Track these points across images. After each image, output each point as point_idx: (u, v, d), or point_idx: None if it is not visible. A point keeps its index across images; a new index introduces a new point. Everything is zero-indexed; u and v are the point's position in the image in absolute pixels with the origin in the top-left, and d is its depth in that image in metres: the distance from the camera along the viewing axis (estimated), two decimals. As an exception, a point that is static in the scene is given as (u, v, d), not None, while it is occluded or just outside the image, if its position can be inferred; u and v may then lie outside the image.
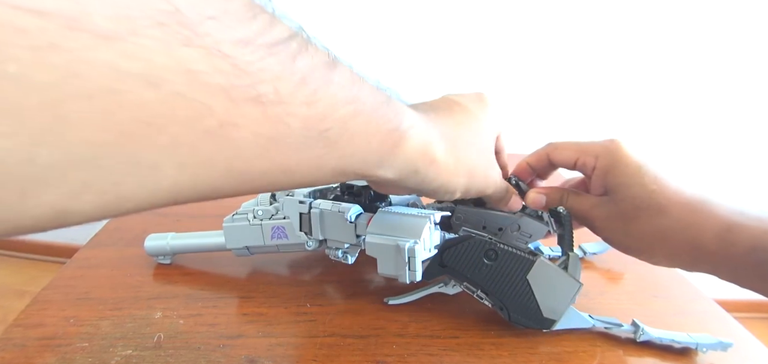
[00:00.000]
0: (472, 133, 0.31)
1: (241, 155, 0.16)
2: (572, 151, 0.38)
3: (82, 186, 0.12)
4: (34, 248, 1.56)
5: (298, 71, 0.17)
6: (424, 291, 0.39)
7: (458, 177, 0.29)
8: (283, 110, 0.17)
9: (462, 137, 0.30)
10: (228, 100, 0.15)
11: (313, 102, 0.18)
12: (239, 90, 0.15)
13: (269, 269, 0.45)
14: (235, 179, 0.17)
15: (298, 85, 0.17)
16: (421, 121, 0.26)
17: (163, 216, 0.54)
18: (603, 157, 0.36)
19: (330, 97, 0.19)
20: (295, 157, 0.18)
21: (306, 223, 0.38)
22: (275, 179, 0.19)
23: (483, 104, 0.34)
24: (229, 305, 0.39)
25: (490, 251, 0.35)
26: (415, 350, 0.35)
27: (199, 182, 0.15)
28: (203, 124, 0.14)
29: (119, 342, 0.34)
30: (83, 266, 0.43)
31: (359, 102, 0.21)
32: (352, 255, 0.38)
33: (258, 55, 0.15)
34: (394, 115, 0.23)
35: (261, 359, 0.33)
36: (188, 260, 0.45)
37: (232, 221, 0.41)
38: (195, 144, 0.14)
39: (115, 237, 0.49)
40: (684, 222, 0.33)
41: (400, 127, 0.24)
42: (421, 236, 0.32)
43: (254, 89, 0.15)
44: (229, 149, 0.15)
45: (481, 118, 0.33)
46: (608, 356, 0.36)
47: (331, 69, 0.19)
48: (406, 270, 0.31)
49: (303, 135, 0.18)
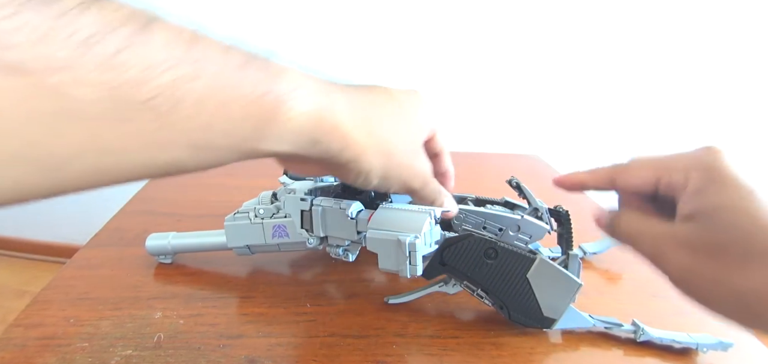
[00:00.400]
0: (393, 116, 0.29)
1: (22, 136, 0.14)
2: (651, 169, 0.28)
3: None
4: (34, 248, 1.56)
5: (80, 30, 0.15)
6: (425, 290, 0.39)
7: (372, 155, 0.27)
8: (66, 78, 0.14)
9: (380, 115, 0.28)
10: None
11: (114, 67, 0.15)
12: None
13: (269, 268, 0.45)
14: (33, 167, 0.15)
15: (81, 47, 0.15)
16: (314, 85, 0.24)
17: (164, 216, 0.54)
18: (697, 171, 0.25)
19: (144, 60, 0.16)
20: (110, 133, 0.16)
21: (307, 220, 0.38)
22: (97, 163, 0.16)
23: (414, 97, 0.32)
24: (229, 305, 0.39)
25: (490, 250, 0.35)
26: (415, 350, 0.35)
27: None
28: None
29: (119, 342, 0.34)
30: (83, 266, 0.43)
31: (198, 64, 0.18)
32: (352, 253, 0.38)
33: (5, 10, 0.13)
34: (263, 79, 0.21)
35: (261, 359, 0.33)
36: (188, 259, 0.45)
37: (233, 220, 0.41)
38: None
39: (115, 237, 0.49)
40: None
41: (273, 91, 0.21)
42: (421, 231, 0.32)
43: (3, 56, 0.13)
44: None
45: (407, 107, 0.31)
46: (608, 356, 0.36)
47: (144, 30, 0.17)
48: (406, 265, 0.31)
49: (112, 106, 0.16)
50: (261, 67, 0.21)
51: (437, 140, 0.34)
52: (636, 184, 0.28)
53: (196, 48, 0.18)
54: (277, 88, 0.21)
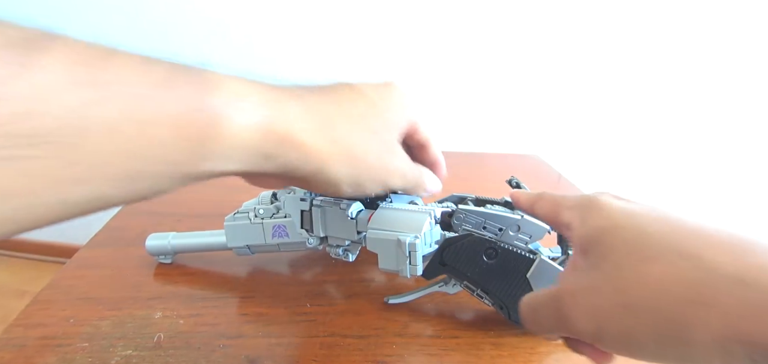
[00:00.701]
0: (362, 116, 0.27)
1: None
2: (550, 204, 0.29)
3: None
4: (34, 248, 1.56)
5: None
6: (425, 290, 0.39)
7: (338, 163, 0.25)
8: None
9: (345, 117, 0.26)
10: None
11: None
12: None
13: (269, 268, 0.45)
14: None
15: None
16: (259, 94, 0.21)
17: (164, 216, 0.54)
18: (580, 208, 0.26)
19: (31, 88, 0.14)
20: (2, 176, 0.14)
21: (307, 220, 0.38)
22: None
23: (386, 91, 0.30)
24: (229, 305, 0.39)
25: (490, 250, 0.35)
26: (415, 350, 0.35)
27: None
28: None
29: (119, 342, 0.34)
30: (83, 266, 0.43)
31: (109, 87, 0.16)
32: (352, 253, 0.38)
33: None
34: (193, 93, 0.19)
35: (261, 359, 0.33)
36: (188, 259, 0.45)
37: (233, 220, 0.41)
38: None
39: (115, 237, 0.49)
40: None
41: (207, 105, 0.19)
42: (421, 231, 0.32)
43: None
44: None
45: (378, 102, 0.28)
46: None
47: (36, 52, 0.15)
48: (407, 265, 0.31)
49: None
50: (190, 81, 0.19)
51: (421, 131, 0.32)
52: (540, 215, 0.30)
53: (106, 68, 0.16)
54: (212, 101, 0.19)
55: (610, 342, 0.22)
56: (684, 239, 0.21)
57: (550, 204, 0.29)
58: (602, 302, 0.22)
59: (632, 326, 0.21)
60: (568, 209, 0.27)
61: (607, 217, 0.24)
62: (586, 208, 0.25)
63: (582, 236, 0.24)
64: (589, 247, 0.24)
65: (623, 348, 0.22)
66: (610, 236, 0.23)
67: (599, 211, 0.24)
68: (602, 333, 0.22)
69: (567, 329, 0.24)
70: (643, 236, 0.22)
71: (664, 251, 0.21)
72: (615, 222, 0.23)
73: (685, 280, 0.20)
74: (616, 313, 0.21)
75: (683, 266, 0.20)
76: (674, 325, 0.19)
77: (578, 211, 0.26)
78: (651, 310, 0.20)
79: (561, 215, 0.27)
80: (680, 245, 0.20)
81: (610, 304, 0.21)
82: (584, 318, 0.22)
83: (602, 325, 0.22)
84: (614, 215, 0.24)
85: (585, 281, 0.23)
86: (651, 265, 0.21)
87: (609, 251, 0.22)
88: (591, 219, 0.24)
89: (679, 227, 0.21)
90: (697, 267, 0.19)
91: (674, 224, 0.22)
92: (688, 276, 0.20)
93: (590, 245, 0.24)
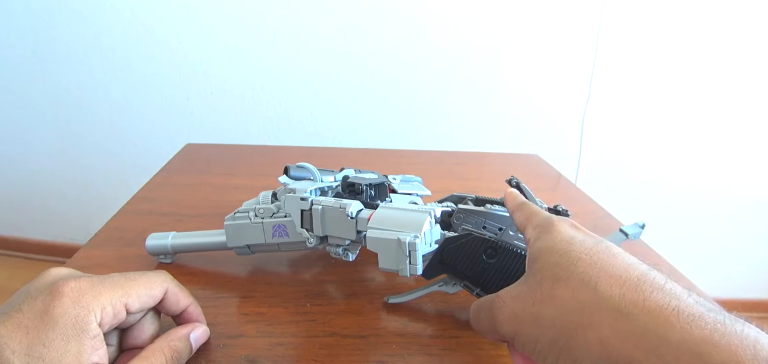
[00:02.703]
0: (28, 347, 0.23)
1: None
2: (522, 217, 0.32)
3: None
4: (34, 248, 1.56)
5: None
6: (425, 290, 0.39)
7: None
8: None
9: None
10: None
11: None
12: None
13: (269, 268, 0.45)
14: None
15: None
16: None
17: (164, 215, 0.54)
18: (539, 227, 0.29)
19: None
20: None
21: (307, 220, 0.38)
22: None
23: (51, 298, 0.25)
24: (229, 305, 0.39)
25: (490, 249, 0.35)
26: (415, 350, 0.35)
27: None
28: None
29: (119, 342, 0.34)
30: (83, 266, 0.43)
31: None
32: (352, 252, 0.38)
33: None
34: None
35: (261, 358, 0.33)
36: (188, 259, 0.45)
37: (233, 220, 0.41)
38: None
39: (115, 237, 0.49)
40: None
41: None
42: (421, 230, 0.32)
43: None
44: None
45: (46, 320, 0.24)
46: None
47: None
48: (407, 264, 0.31)
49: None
50: None
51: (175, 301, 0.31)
52: (516, 224, 0.32)
53: None
54: None
55: (522, 347, 0.25)
56: (591, 269, 0.23)
57: (524, 217, 0.31)
58: (520, 310, 0.25)
59: (538, 336, 0.24)
60: (533, 227, 0.29)
61: (551, 240, 0.26)
62: (542, 229, 0.28)
63: (531, 252, 0.27)
64: (530, 262, 0.27)
65: (532, 354, 0.25)
66: (545, 255, 0.26)
67: (549, 234, 0.27)
68: (517, 338, 0.25)
69: (496, 331, 0.27)
70: (565, 261, 0.24)
71: (573, 276, 0.23)
72: (553, 245, 0.26)
73: (580, 304, 0.22)
74: (528, 321, 0.25)
75: (582, 292, 0.23)
76: (566, 342, 0.22)
77: (538, 230, 0.28)
78: (551, 325, 0.23)
79: (526, 230, 0.30)
80: (587, 274, 0.23)
81: (526, 313, 0.25)
82: (506, 322, 0.26)
83: (518, 330, 0.25)
84: (557, 240, 0.26)
85: (514, 291, 0.27)
86: (560, 286, 0.24)
87: (539, 268, 0.26)
88: (541, 240, 0.27)
89: (598, 258, 0.24)
90: (592, 296, 0.22)
91: (596, 256, 0.24)
92: (583, 301, 0.22)
93: (531, 261, 0.27)
